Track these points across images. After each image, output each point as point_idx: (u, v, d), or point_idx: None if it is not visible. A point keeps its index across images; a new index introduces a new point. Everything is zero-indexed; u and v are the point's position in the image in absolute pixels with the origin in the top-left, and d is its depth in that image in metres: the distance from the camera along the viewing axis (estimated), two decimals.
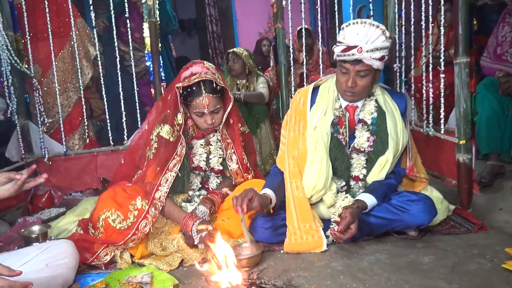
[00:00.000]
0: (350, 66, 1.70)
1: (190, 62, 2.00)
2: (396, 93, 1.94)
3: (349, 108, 1.84)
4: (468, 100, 1.93)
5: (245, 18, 6.85)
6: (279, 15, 2.66)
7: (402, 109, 1.86)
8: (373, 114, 1.82)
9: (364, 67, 1.69)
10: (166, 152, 1.88)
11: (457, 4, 1.87)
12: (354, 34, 1.67)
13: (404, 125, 1.84)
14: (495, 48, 2.68)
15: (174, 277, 1.58)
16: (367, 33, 1.66)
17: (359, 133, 1.83)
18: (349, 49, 1.67)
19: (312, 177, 1.79)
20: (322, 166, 1.78)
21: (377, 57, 1.67)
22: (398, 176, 1.87)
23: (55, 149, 2.74)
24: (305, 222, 1.74)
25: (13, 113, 2.55)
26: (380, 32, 1.67)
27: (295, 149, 1.85)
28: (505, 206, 2.12)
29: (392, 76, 2.66)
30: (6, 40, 2.45)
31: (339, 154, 1.84)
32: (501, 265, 1.49)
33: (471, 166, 1.97)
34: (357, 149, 1.83)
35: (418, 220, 1.71)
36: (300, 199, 1.78)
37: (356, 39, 1.66)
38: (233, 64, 3.29)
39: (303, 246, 1.72)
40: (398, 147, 1.80)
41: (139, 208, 1.77)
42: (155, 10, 2.72)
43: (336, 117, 1.84)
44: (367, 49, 1.65)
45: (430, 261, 1.58)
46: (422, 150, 2.10)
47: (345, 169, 1.85)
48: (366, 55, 1.66)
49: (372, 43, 1.66)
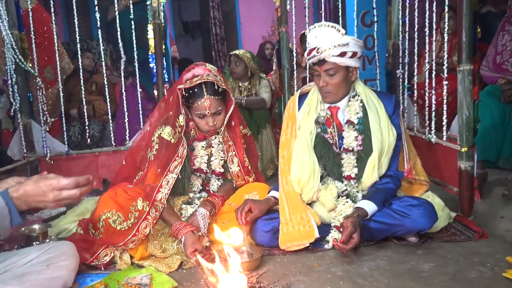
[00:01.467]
0: (318, 67, 1.81)
1: (192, 64, 2.01)
2: (384, 94, 1.96)
3: (332, 109, 1.90)
4: (470, 108, 1.92)
5: (249, 21, 6.88)
6: (283, 19, 2.67)
7: (390, 110, 1.88)
8: (358, 113, 1.86)
9: (330, 66, 1.78)
10: (167, 153, 1.88)
11: (461, 11, 1.87)
12: (314, 37, 1.81)
13: (393, 126, 1.85)
14: (494, 58, 2.68)
15: (173, 279, 1.58)
16: (323, 34, 1.78)
17: (347, 133, 1.87)
18: (311, 51, 1.81)
19: (297, 172, 1.85)
20: (305, 159, 1.84)
21: (336, 54, 1.75)
22: (397, 180, 1.88)
23: (57, 149, 2.75)
24: (296, 214, 1.79)
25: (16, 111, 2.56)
26: (334, 30, 1.77)
27: (285, 150, 1.94)
28: (507, 214, 2.11)
29: (395, 82, 2.66)
30: (11, 39, 2.46)
31: (325, 151, 1.88)
32: (501, 273, 1.48)
33: (473, 174, 1.97)
34: (346, 149, 1.86)
35: (419, 225, 1.71)
36: (290, 193, 1.85)
37: (315, 41, 1.80)
38: (235, 66, 3.28)
39: (295, 236, 1.74)
40: (384, 145, 1.82)
41: (140, 210, 1.77)
42: (159, 12, 2.73)
43: (323, 118, 1.90)
44: (324, 48, 1.76)
45: (430, 268, 1.57)
46: (424, 157, 2.09)
47: (333, 166, 1.88)
48: (325, 54, 1.76)
49: (329, 42, 1.76)
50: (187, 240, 1.71)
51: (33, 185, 1.14)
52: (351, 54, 1.77)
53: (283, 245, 1.76)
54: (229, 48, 6.79)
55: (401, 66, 2.51)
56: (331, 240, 1.77)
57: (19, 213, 1.14)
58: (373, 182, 1.84)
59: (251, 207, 1.80)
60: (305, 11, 2.59)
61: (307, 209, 1.82)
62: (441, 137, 2.16)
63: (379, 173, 1.83)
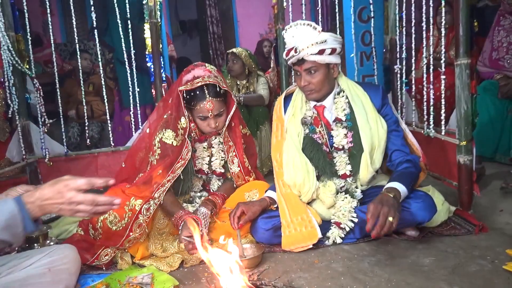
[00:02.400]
0: (298, 67, 1.80)
1: (192, 65, 1.98)
2: (370, 86, 1.94)
3: (317, 108, 1.88)
4: (468, 102, 1.92)
5: (246, 19, 6.86)
6: (280, 16, 2.66)
7: (379, 101, 1.86)
8: (345, 110, 1.85)
9: (310, 64, 1.76)
10: (170, 157, 1.88)
11: (458, 5, 1.87)
12: (291, 37, 1.79)
13: (384, 116, 1.83)
14: (490, 54, 2.68)
15: (174, 278, 1.58)
16: (300, 33, 1.76)
17: (336, 132, 1.86)
18: (289, 52, 1.79)
19: (290, 175, 1.83)
20: (296, 162, 1.82)
21: (314, 52, 1.73)
22: (416, 164, 1.81)
23: (55, 150, 2.75)
24: (297, 215, 1.78)
25: (14, 113, 2.55)
26: (310, 28, 1.75)
27: (277, 153, 1.93)
28: (506, 208, 2.12)
29: (393, 77, 2.66)
30: (7, 41, 2.45)
31: (314, 153, 1.86)
32: (502, 266, 1.49)
33: (472, 168, 1.97)
34: (337, 148, 1.85)
35: (418, 217, 1.70)
36: (288, 195, 1.84)
37: (292, 41, 1.78)
38: (232, 64, 3.28)
39: (298, 238, 1.74)
40: (374, 140, 1.80)
41: (132, 209, 1.75)
42: (156, 11, 2.72)
43: (309, 118, 1.88)
44: (302, 47, 1.73)
45: (430, 263, 1.58)
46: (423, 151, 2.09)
47: (325, 165, 1.86)
48: (303, 53, 1.74)
49: (306, 41, 1.74)
50: (185, 225, 1.68)
51: (49, 188, 1.12)
52: (330, 50, 1.75)
53: (287, 247, 1.75)
54: (227, 47, 6.77)
55: (398, 61, 2.51)
56: (331, 236, 1.77)
57: (33, 220, 1.12)
58: (371, 176, 1.83)
59: (244, 211, 1.79)
60: (302, 8, 2.58)
61: (307, 209, 1.81)
62: (439, 132, 2.16)
63: (373, 168, 1.81)
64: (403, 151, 1.83)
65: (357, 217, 1.78)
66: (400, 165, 1.79)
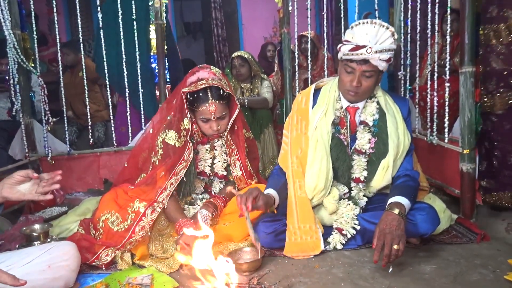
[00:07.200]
0: (357, 65, 1.69)
1: (197, 67, 1.99)
2: (399, 97, 1.93)
3: (350, 109, 1.84)
4: (472, 110, 1.92)
5: (250, 23, 6.88)
6: (285, 20, 2.67)
7: (405, 113, 1.85)
8: (374, 115, 1.81)
9: (371, 68, 1.68)
10: (172, 157, 1.88)
11: (463, 13, 1.87)
12: (364, 33, 1.65)
13: (407, 128, 1.83)
14: None
15: (174, 279, 1.58)
16: (377, 33, 1.65)
17: (361, 135, 1.82)
18: (357, 48, 1.65)
19: (313, 178, 1.79)
20: (322, 166, 1.78)
21: (384, 59, 1.66)
22: (415, 179, 1.80)
23: (58, 148, 2.76)
24: (305, 223, 1.75)
25: (18, 111, 2.56)
26: (390, 34, 1.66)
27: (298, 148, 1.85)
28: (508, 217, 2.10)
29: (397, 84, 2.66)
30: (13, 39, 2.46)
31: (341, 154, 1.83)
32: (503, 276, 1.48)
33: (475, 176, 1.97)
34: (358, 151, 1.82)
35: (422, 229, 1.69)
36: (303, 199, 1.78)
37: (365, 39, 1.64)
38: (240, 68, 3.27)
39: (302, 247, 1.72)
40: (399, 149, 1.79)
41: (136, 211, 1.75)
42: (161, 12, 2.73)
43: (337, 118, 1.84)
44: (376, 49, 1.63)
45: (432, 271, 1.57)
46: (426, 159, 2.09)
47: (346, 169, 1.84)
48: (375, 56, 1.64)
49: (381, 44, 1.64)
50: (186, 231, 1.66)
51: None
52: (392, 60, 1.71)
53: (289, 254, 1.73)
54: (231, 49, 6.79)
55: (402, 68, 2.51)
56: (332, 242, 1.76)
57: None
58: (383, 186, 1.81)
59: (258, 195, 1.68)
60: (307, 12, 2.59)
61: (315, 219, 1.78)
62: (442, 139, 2.16)
63: (390, 177, 1.79)
64: (404, 166, 1.82)
65: (359, 224, 1.77)
66: (398, 179, 1.79)
